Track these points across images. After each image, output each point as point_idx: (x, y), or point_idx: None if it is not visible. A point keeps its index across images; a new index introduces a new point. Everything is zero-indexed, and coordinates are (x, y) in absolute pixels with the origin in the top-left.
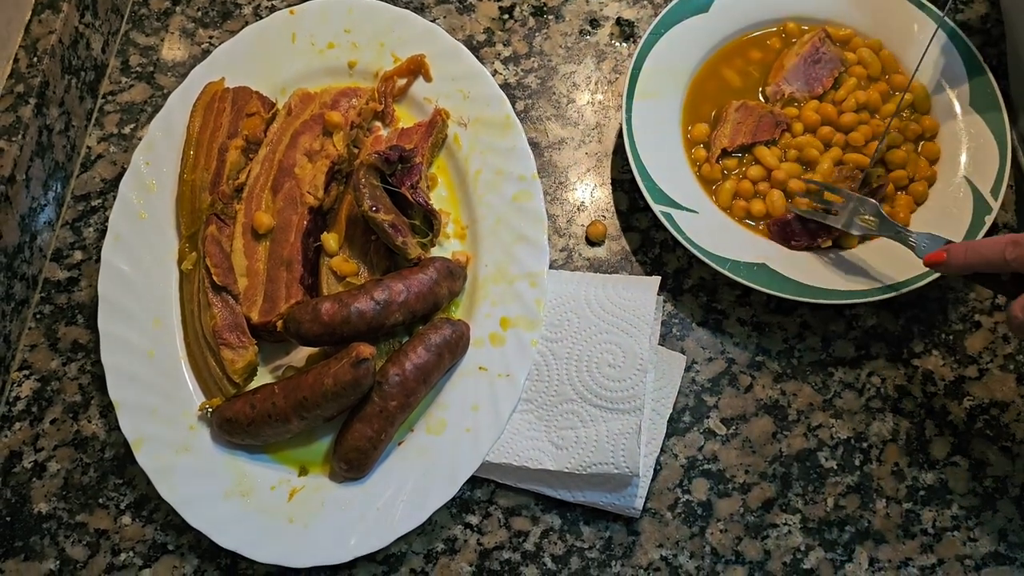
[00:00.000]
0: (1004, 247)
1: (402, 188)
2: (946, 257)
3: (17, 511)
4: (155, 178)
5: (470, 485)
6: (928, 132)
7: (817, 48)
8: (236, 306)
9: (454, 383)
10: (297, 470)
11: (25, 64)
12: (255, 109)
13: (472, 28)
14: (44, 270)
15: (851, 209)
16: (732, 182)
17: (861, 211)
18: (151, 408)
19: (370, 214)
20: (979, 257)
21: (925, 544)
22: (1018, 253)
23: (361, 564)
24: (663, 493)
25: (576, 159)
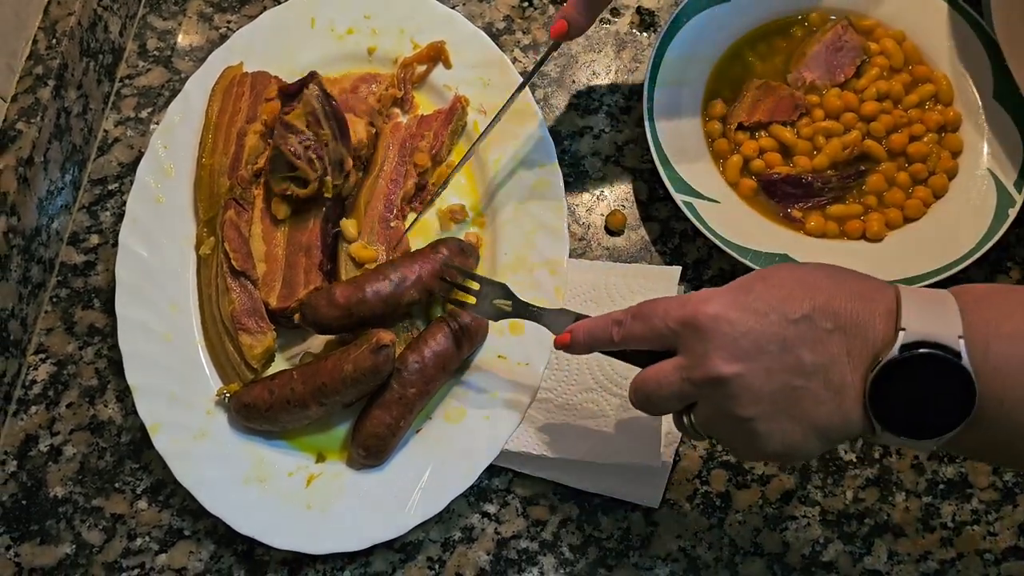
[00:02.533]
0: (610, 328)
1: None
2: (569, 340)
3: (33, 495)
4: (173, 162)
5: (488, 474)
6: (951, 124)
7: (840, 36)
8: (254, 291)
9: (473, 371)
10: (315, 456)
11: (44, 45)
12: (274, 94)
13: (492, 15)
14: (61, 253)
15: (485, 294)
16: (740, 157)
17: (494, 296)
18: (168, 393)
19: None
20: (594, 339)
21: (945, 538)
22: (623, 332)
23: (378, 551)
24: (682, 484)
25: (596, 148)
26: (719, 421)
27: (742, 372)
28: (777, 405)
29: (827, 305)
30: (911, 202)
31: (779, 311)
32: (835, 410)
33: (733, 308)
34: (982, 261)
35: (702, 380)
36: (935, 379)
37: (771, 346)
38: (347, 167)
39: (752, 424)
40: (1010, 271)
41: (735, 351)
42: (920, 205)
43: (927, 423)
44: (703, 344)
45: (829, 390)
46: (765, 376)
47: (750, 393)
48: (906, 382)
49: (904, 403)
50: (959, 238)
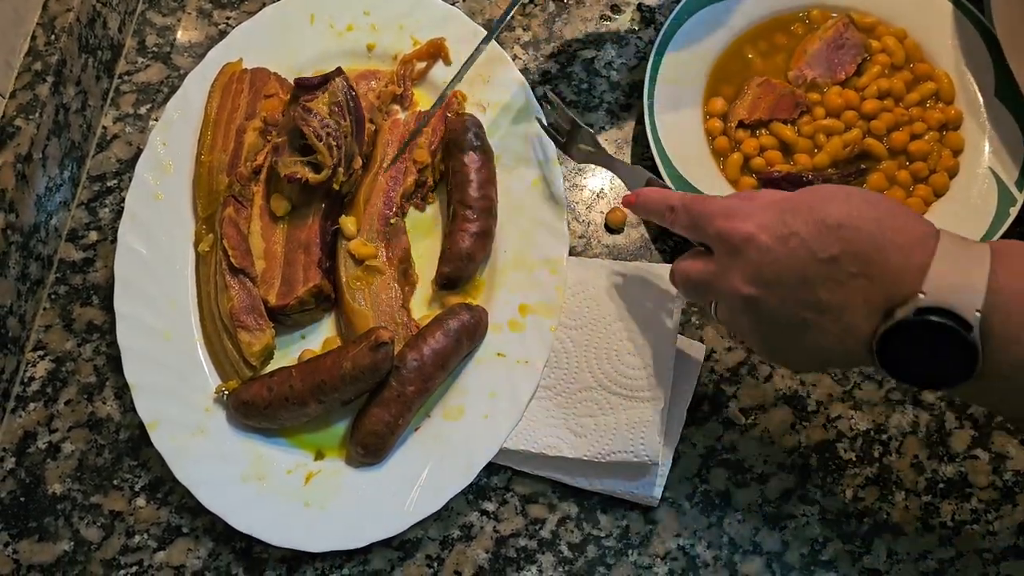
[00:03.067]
0: (664, 210)
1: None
2: (635, 200)
3: (31, 492)
4: (172, 159)
5: (487, 472)
6: (952, 122)
7: (841, 33)
8: (253, 288)
9: (472, 369)
10: (313, 454)
11: (43, 42)
12: (273, 91)
13: (492, 12)
14: (60, 250)
15: (574, 136)
16: (740, 155)
17: (582, 141)
18: (167, 390)
19: None
20: (651, 211)
21: (944, 537)
22: (673, 218)
23: (376, 549)
24: (681, 482)
25: None
26: (735, 323)
27: (757, 296)
28: (784, 330)
29: (861, 251)
30: (912, 201)
31: (809, 247)
32: (839, 346)
33: (767, 232)
34: None
35: (722, 290)
36: (942, 344)
37: (791, 279)
38: (355, 165)
39: (758, 335)
40: None
41: (755, 275)
42: (921, 204)
43: (931, 375)
44: (730, 259)
45: (838, 328)
46: (778, 303)
47: (761, 315)
48: (914, 340)
49: (910, 354)
50: None
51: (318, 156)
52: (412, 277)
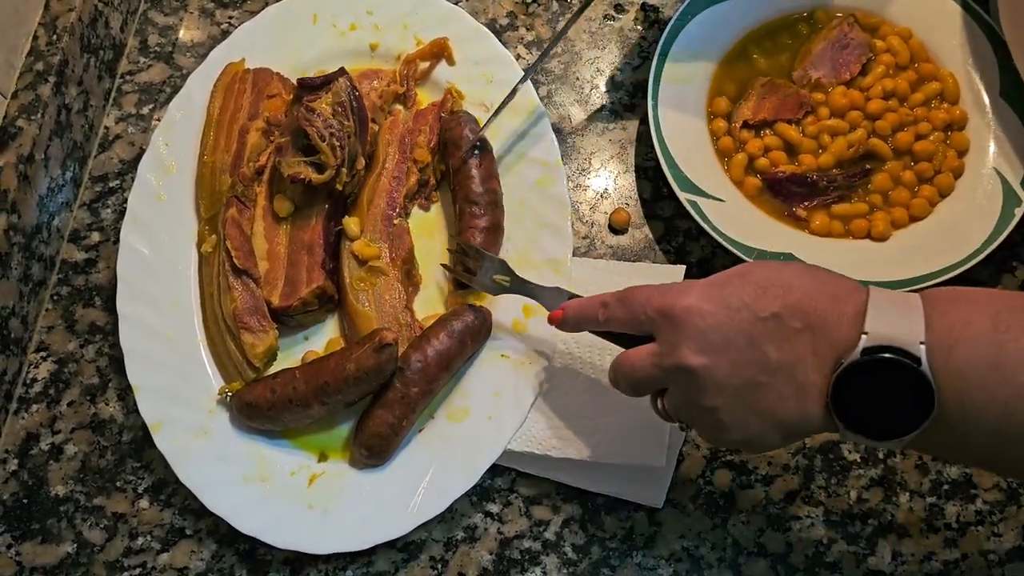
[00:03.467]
0: (597, 309)
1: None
2: (561, 314)
3: (34, 493)
4: (174, 159)
5: (491, 473)
6: (957, 122)
7: (845, 33)
8: (256, 290)
9: (476, 370)
10: (317, 456)
11: (44, 42)
12: (276, 91)
13: (495, 11)
14: (62, 251)
15: (486, 269)
16: (744, 155)
17: (494, 271)
18: (170, 391)
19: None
20: (582, 318)
21: (948, 539)
22: (607, 314)
23: (380, 551)
24: (685, 484)
25: (599, 145)
26: (686, 407)
27: (708, 364)
28: (740, 398)
29: (798, 304)
30: (917, 201)
31: (750, 308)
32: (796, 407)
33: (707, 301)
34: (988, 261)
35: (671, 368)
36: (895, 383)
37: (739, 341)
38: (358, 166)
39: (715, 414)
40: (1016, 271)
41: (703, 343)
42: (926, 204)
43: (888, 425)
44: (675, 334)
45: (792, 387)
46: (730, 369)
47: (715, 384)
48: (867, 384)
49: (865, 404)
50: (965, 237)
51: (321, 156)
52: (416, 278)
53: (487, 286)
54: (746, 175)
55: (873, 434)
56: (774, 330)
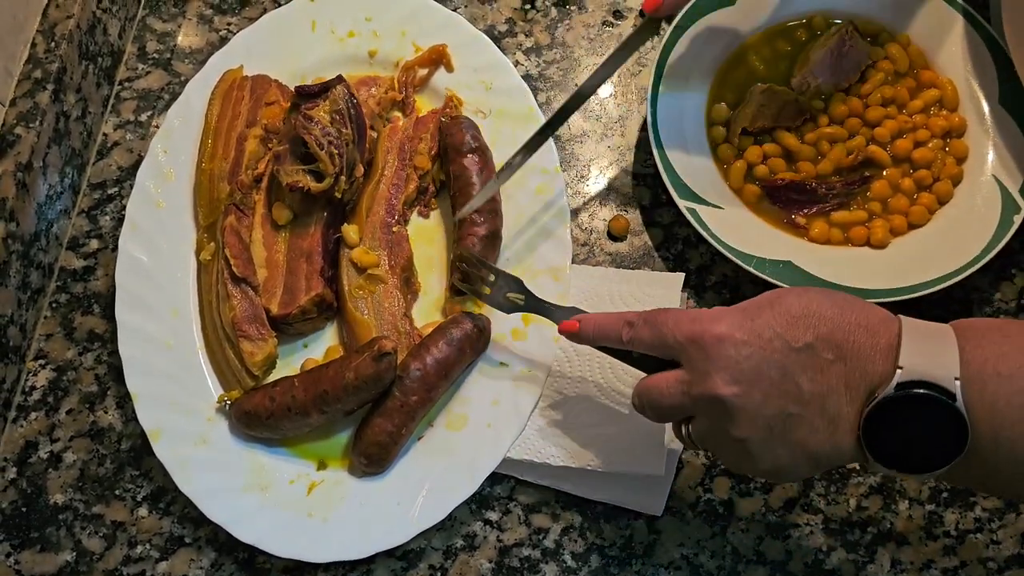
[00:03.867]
0: (621, 327)
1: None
2: (578, 327)
3: (33, 502)
4: (173, 167)
5: (490, 481)
6: (956, 130)
7: (845, 41)
8: (255, 298)
9: (475, 378)
10: (316, 464)
11: (43, 49)
12: (274, 98)
13: (494, 18)
14: (60, 259)
15: (500, 287)
16: (744, 162)
17: (508, 289)
18: (169, 399)
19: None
20: (603, 335)
21: (948, 546)
22: (632, 334)
23: (380, 559)
24: (684, 492)
25: (598, 152)
26: (714, 437)
27: (740, 394)
28: (771, 430)
29: (831, 336)
30: (916, 208)
31: (783, 338)
32: (828, 439)
33: (739, 330)
34: (987, 268)
35: (701, 397)
36: (929, 418)
37: (771, 372)
38: (357, 173)
39: (745, 444)
40: (1014, 278)
41: (736, 374)
42: (925, 212)
43: (920, 459)
44: (706, 363)
45: (824, 419)
46: (762, 400)
47: (746, 415)
48: (901, 419)
49: (898, 439)
50: (964, 245)
51: (320, 164)
52: (415, 285)
53: (501, 304)
54: (745, 182)
55: (903, 467)
56: (807, 361)
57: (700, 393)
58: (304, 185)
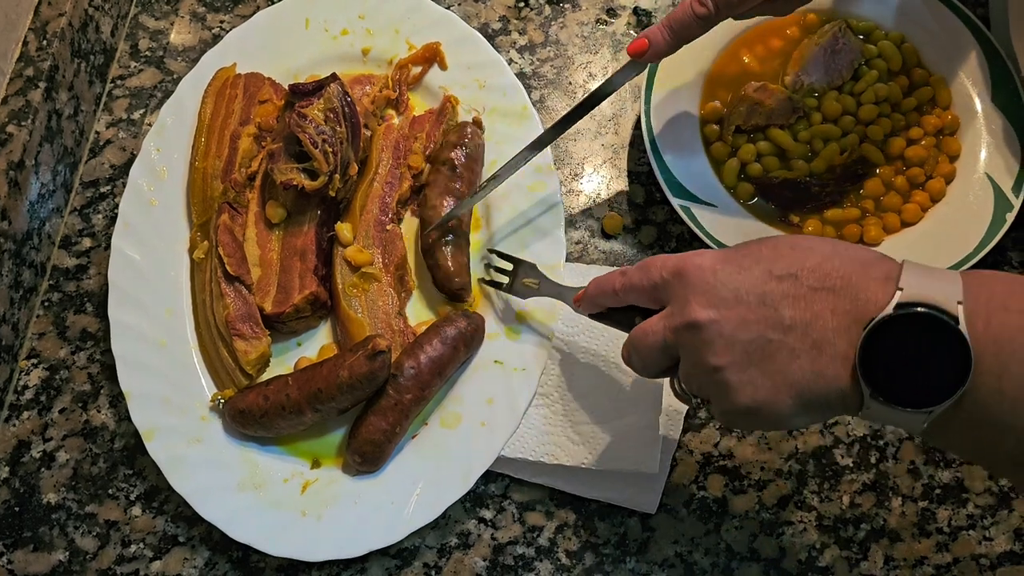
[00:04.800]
0: (615, 278)
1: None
2: (582, 294)
3: (26, 501)
4: (166, 165)
5: (484, 479)
6: (948, 128)
7: (837, 39)
8: (249, 296)
9: (469, 376)
10: (310, 463)
11: (35, 47)
12: (267, 96)
13: (487, 16)
14: (53, 257)
15: (517, 274)
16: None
17: (524, 275)
18: (162, 398)
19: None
20: (601, 290)
21: (940, 543)
22: (625, 281)
23: (374, 558)
24: (678, 489)
25: (592, 150)
26: (696, 373)
27: (716, 318)
28: (749, 356)
29: (818, 267)
30: (909, 206)
31: (765, 267)
32: (810, 366)
33: (720, 261)
34: (979, 266)
35: (680, 325)
36: (929, 342)
37: (750, 297)
38: (351, 172)
39: (723, 374)
40: None
41: (713, 298)
42: (917, 210)
43: (919, 390)
44: (685, 291)
45: (806, 345)
46: (739, 325)
47: (722, 340)
48: (899, 344)
49: (895, 367)
50: (956, 243)
51: (314, 163)
52: (409, 284)
53: (519, 290)
54: (739, 180)
55: (900, 399)
56: (789, 288)
57: (679, 322)
58: (298, 183)
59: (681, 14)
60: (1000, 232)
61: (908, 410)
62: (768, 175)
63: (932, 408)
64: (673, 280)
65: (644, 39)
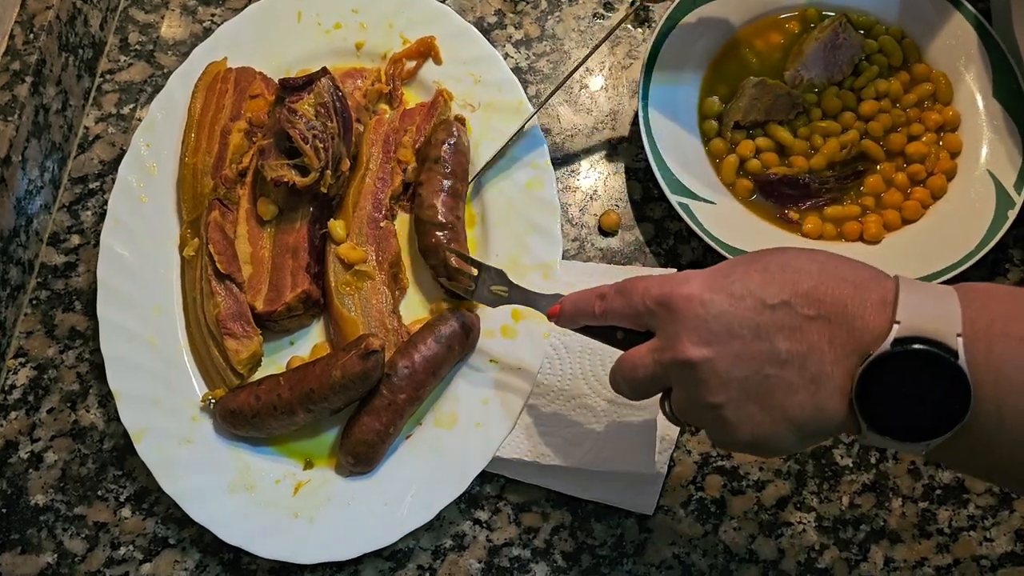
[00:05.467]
0: (593, 301)
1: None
2: (559, 308)
3: (14, 503)
4: (156, 161)
5: (479, 480)
6: (950, 124)
7: (837, 34)
8: (240, 295)
9: (464, 376)
10: (302, 463)
11: (21, 41)
12: (258, 91)
13: (483, 10)
14: (40, 255)
15: (483, 280)
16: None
17: (491, 283)
18: (152, 398)
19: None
20: (579, 310)
21: (941, 544)
22: (604, 306)
23: (367, 560)
24: (676, 490)
25: (589, 146)
26: (691, 406)
27: (710, 357)
28: (747, 393)
29: (811, 292)
30: (909, 203)
31: (756, 295)
32: (809, 401)
33: (708, 290)
34: (981, 263)
35: (672, 363)
36: (928, 378)
37: (743, 331)
38: (343, 168)
39: (721, 411)
40: (1008, 273)
41: (705, 334)
42: (918, 206)
43: (917, 425)
44: (675, 325)
45: (803, 379)
46: (734, 362)
47: (718, 378)
48: (897, 379)
49: (893, 401)
50: (958, 240)
51: (305, 159)
52: (403, 281)
53: (485, 298)
54: (737, 177)
55: (899, 435)
56: (783, 319)
57: (671, 358)
58: (289, 180)
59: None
60: (1002, 229)
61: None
62: (767, 171)
63: (930, 441)
64: (659, 311)
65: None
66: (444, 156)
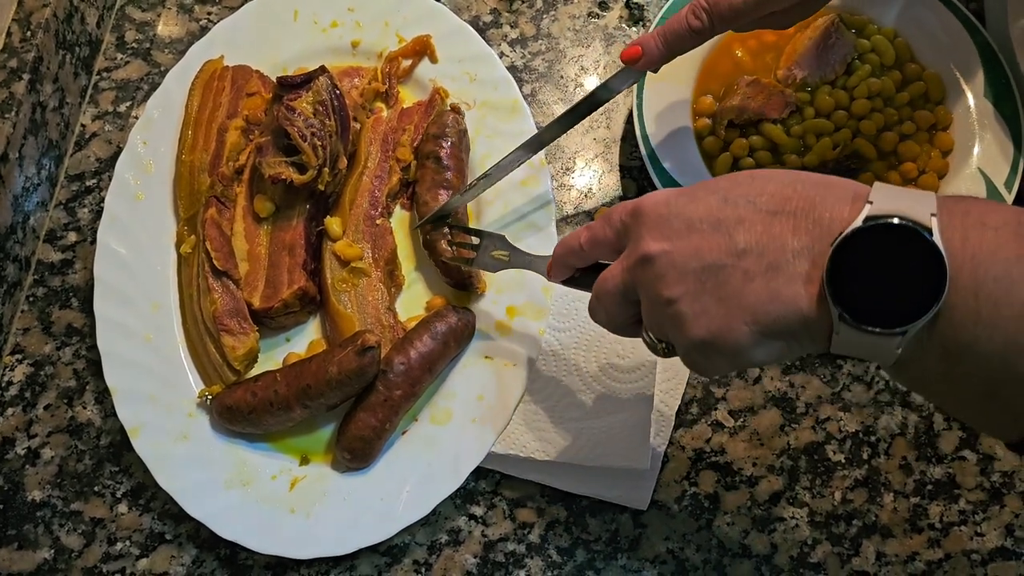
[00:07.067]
0: (579, 234)
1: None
2: (551, 263)
3: (10, 499)
4: (152, 158)
5: (474, 475)
6: (941, 123)
7: (830, 33)
8: (237, 291)
9: (459, 372)
10: (299, 459)
11: (18, 38)
12: (255, 88)
13: (479, 9)
14: (37, 252)
15: (485, 247)
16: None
17: (493, 248)
18: (149, 394)
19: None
20: (568, 249)
21: (932, 539)
22: (589, 235)
23: (363, 555)
24: (670, 485)
25: (584, 145)
26: (653, 310)
27: (668, 250)
28: (703, 284)
29: (777, 192)
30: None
31: (721, 194)
32: (765, 287)
33: (675, 194)
34: None
35: (635, 263)
36: (902, 256)
37: (703, 225)
38: (340, 165)
39: (676, 306)
40: None
41: (665, 230)
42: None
43: (891, 309)
44: (640, 229)
45: (761, 267)
46: (692, 254)
47: (675, 271)
48: (869, 257)
49: (865, 284)
50: None
51: (303, 156)
52: (399, 278)
53: (487, 264)
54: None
55: (872, 319)
56: (744, 214)
57: (634, 259)
58: (287, 177)
59: (676, 25)
60: None
61: (880, 332)
62: None
63: (906, 328)
64: (630, 221)
65: (637, 47)
66: (438, 151)
